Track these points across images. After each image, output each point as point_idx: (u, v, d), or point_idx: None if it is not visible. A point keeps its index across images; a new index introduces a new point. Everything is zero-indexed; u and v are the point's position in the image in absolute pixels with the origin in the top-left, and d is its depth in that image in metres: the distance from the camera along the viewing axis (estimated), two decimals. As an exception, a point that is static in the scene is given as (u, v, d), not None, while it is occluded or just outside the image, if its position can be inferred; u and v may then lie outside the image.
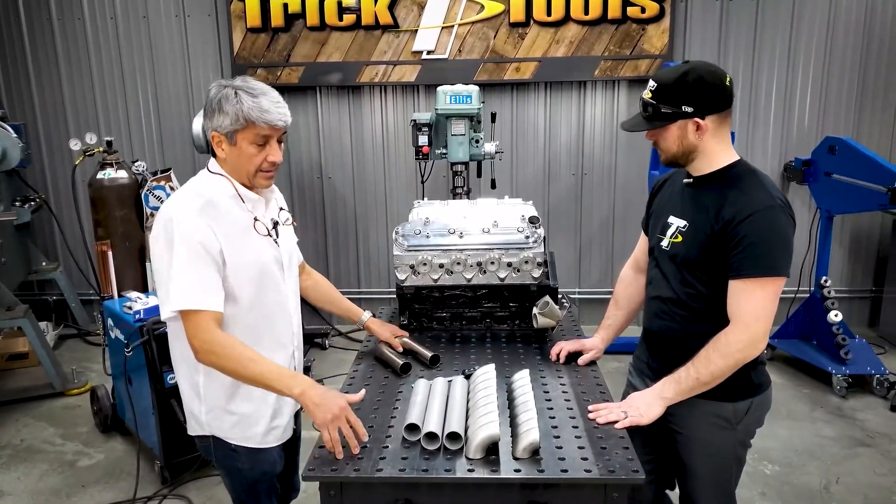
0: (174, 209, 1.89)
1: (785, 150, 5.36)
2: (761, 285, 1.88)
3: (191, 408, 2.06)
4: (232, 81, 1.92)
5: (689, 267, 2.03)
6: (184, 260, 1.84)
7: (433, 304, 2.67)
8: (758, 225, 1.87)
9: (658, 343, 2.19)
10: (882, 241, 5.53)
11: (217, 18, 5.44)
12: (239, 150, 1.92)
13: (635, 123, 2.07)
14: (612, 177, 5.55)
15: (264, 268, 2.01)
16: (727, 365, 1.92)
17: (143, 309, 3.49)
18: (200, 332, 1.85)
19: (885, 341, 5.25)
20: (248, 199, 2.01)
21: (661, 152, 2.07)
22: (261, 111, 1.87)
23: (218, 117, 1.89)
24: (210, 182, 1.98)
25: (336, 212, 5.75)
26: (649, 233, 2.27)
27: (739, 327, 1.90)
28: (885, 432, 3.97)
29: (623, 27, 5.17)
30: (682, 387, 1.98)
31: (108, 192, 4.58)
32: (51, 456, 3.90)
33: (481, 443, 1.73)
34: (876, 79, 5.28)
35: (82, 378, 4.78)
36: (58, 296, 5.74)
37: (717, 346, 1.93)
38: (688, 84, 1.95)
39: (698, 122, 1.96)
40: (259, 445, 2.06)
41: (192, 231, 1.85)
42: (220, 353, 1.85)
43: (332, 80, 5.41)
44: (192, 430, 2.10)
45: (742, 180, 1.98)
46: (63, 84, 5.63)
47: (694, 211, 2.04)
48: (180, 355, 2.02)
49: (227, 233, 1.91)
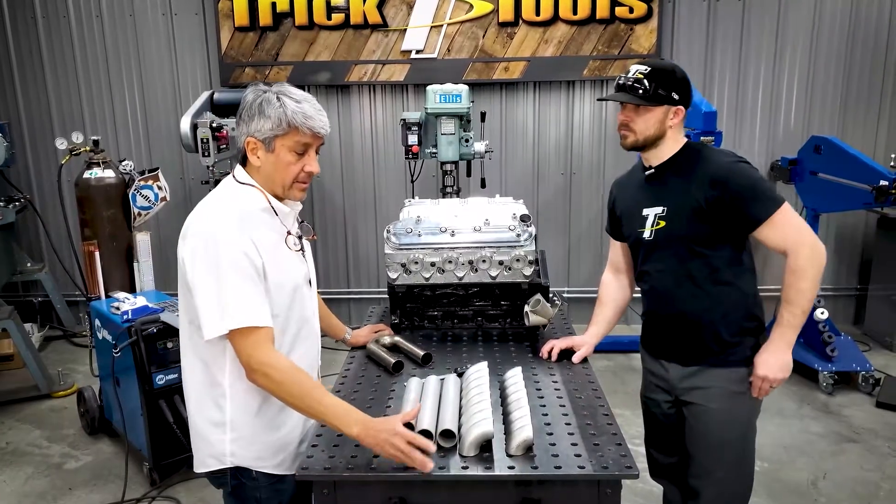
0: (212, 223, 1.78)
1: (771, 149, 5.41)
2: (782, 213, 2.08)
3: (209, 440, 1.89)
4: (270, 87, 1.84)
5: (682, 242, 2.17)
6: (233, 277, 1.73)
7: (424, 302, 2.67)
8: (741, 177, 2.08)
9: (666, 324, 2.31)
10: (867, 240, 5.59)
11: (204, 17, 5.41)
12: (276, 157, 1.83)
13: (630, 98, 2.15)
14: (600, 176, 5.57)
15: (297, 285, 1.92)
16: (812, 280, 2.08)
17: (130, 309, 3.46)
18: (257, 351, 1.74)
19: (870, 338, 5.30)
20: (281, 211, 1.91)
21: (632, 134, 2.18)
22: (305, 117, 1.80)
23: (257, 121, 1.80)
24: (241, 193, 1.87)
25: (325, 212, 5.73)
26: (626, 233, 2.38)
27: (799, 249, 2.07)
28: (871, 428, 4.01)
29: (611, 27, 5.19)
30: (795, 324, 2.12)
31: (94, 191, 4.53)
32: (37, 459, 3.86)
33: (475, 440, 1.73)
34: (860, 79, 5.34)
35: (68, 380, 4.73)
36: (43, 297, 5.68)
37: (797, 275, 2.08)
38: (676, 76, 2.17)
39: (679, 111, 2.16)
40: (287, 472, 1.94)
41: (237, 247, 1.75)
42: (276, 377, 1.74)
43: (321, 79, 5.40)
44: (207, 467, 1.92)
45: (700, 154, 2.18)
46: (48, 83, 5.58)
47: (668, 194, 2.20)
48: (203, 382, 1.88)
49: (264, 248, 1.81)
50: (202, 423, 1.90)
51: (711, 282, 2.17)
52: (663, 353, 2.33)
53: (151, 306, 3.56)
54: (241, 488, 1.93)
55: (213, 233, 1.76)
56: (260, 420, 1.89)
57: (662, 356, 2.33)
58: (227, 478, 1.92)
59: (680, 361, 2.27)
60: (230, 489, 1.94)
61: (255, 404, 1.86)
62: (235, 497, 1.96)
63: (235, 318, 1.73)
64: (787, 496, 3.39)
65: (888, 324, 5.16)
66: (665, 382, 2.34)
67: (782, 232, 2.08)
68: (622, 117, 2.20)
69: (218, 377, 1.85)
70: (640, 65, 2.18)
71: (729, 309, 2.18)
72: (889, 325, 5.16)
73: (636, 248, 2.34)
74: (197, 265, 1.76)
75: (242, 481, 1.92)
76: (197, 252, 1.77)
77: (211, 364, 1.85)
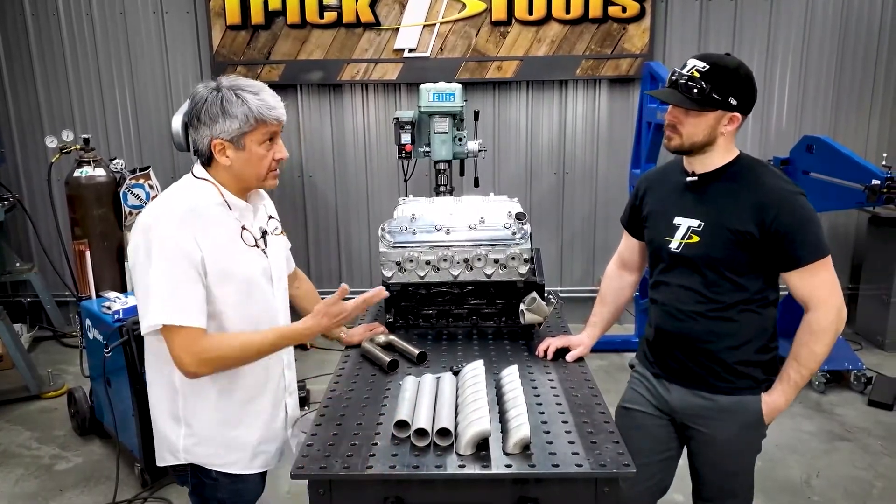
0: (154, 217, 1.78)
1: (763, 149, 5.42)
2: (823, 265, 1.94)
3: (165, 434, 1.92)
4: (219, 82, 1.81)
5: (713, 265, 2.01)
6: (164, 272, 1.72)
7: (419, 301, 2.65)
8: (797, 214, 1.91)
9: (675, 343, 2.14)
10: (858, 240, 5.62)
11: (196, 15, 5.37)
12: (248, 153, 1.83)
13: (679, 100, 1.94)
14: (593, 176, 5.58)
15: (251, 280, 1.89)
16: (828, 346, 1.98)
17: (122, 309, 3.43)
18: (187, 346, 1.74)
19: (861, 338, 5.32)
20: (236, 206, 1.89)
21: (677, 136, 1.99)
22: (268, 108, 1.81)
23: (222, 123, 1.78)
24: (195, 188, 1.86)
25: (317, 211, 5.71)
26: (648, 236, 2.23)
27: (823, 307, 1.96)
28: (863, 426, 4.03)
29: (604, 26, 5.20)
30: (800, 385, 2.04)
31: (85, 190, 4.50)
32: (26, 460, 3.82)
33: (472, 438, 1.72)
34: (852, 79, 5.38)
35: (58, 380, 4.69)
36: (32, 297, 5.62)
37: (810, 333, 1.97)
38: (740, 77, 1.92)
39: (735, 118, 1.95)
40: (243, 471, 1.94)
41: (173, 241, 1.74)
42: (213, 356, 1.76)
43: (314, 78, 5.38)
44: (165, 461, 1.95)
45: (755, 173, 1.99)
46: (37, 81, 5.52)
47: (708, 209, 2.02)
48: (157, 375, 1.90)
49: (212, 243, 1.79)
50: (159, 415, 1.93)
51: (737, 309, 2.03)
52: (667, 374, 2.19)
53: (143, 306, 3.52)
54: (202, 487, 1.94)
55: (151, 226, 1.76)
56: (214, 416, 1.89)
57: (665, 376, 2.19)
58: (187, 475, 1.94)
59: (685, 385, 2.14)
60: (191, 487, 1.96)
61: (211, 398, 1.86)
62: (198, 496, 1.97)
63: (158, 316, 1.72)
64: (781, 495, 3.39)
65: (879, 323, 5.19)
66: (664, 404, 2.21)
67: (814, 283, 1.94)
68: (669, 117, 1.99)
69: (168, 373, 1.85)
70: (698, 60, 1.93)
71: (749, 339, 2.06)
72: (880, 324, 5.18)
73: (657, 255, 2.17)
74: (136, 260, 1.78)
75: (202, 480, 1.93)
76: (138, 246, 1.78)
77: (161, 359, 1.84)
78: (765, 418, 2.08)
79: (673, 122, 1.99)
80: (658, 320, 2.20)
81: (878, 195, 3.94)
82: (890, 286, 5.06)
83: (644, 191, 2.27)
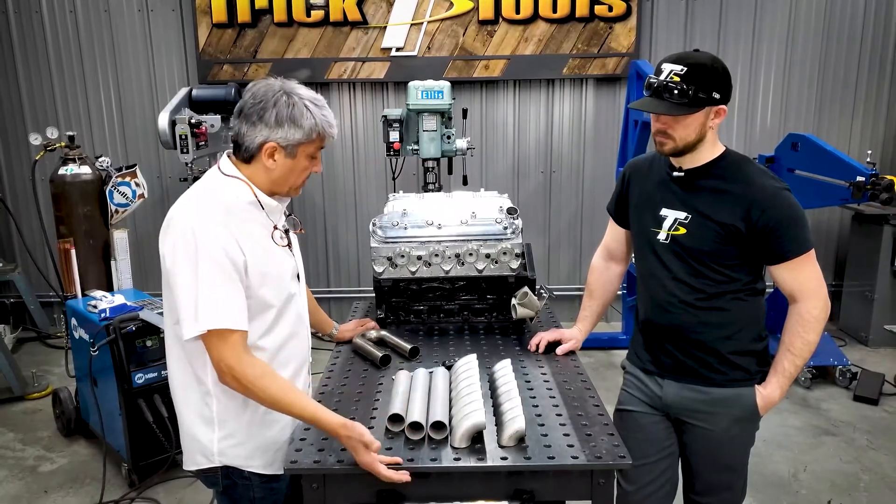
0: (195, 220, 1.72)
1: (749, 146, 5.47)
2: (808, 258, 1.99)
3: (197, 438, 1.85)
4: (284, 86, 1.76)
5: (699, 258, 2.03)
6: (210, 275, 1.68)
7: (410, 297, 2.65)
8: (784, 210, 1.94)
9: (667, 336, 2.14)
10: (841, 237, 5.69)
11: (182, 13, 5.33)
12: (295, 162, 1.80)
13: (667, 108, 1.92)
14: (579, 175, 5.60)
15: (284, 280, 1.87)
16: (818, 334, 2.03)
17: (108, 308, 3.39)
18: (227, 355, 1.70)
19: (846, 334, 5.39)
20: (268, 206, 1.85)
21: (670, 141, 1.98)
22: (329, 125, 1.79)
23: (286, 129, 1.74)
24: (226, 185, 1.81)
25: (304, 210, 5.68)
26: (634, 227, 2.23)
27: (810, 299, 2.00)
28: (848, 421, 4.07)
29: (591, 25, 5.22)
30: (794, 375, 2.07)
31: (70, 188, 4.43)
32: (10, 462, 3.76)
33: (466, 431, 1.72)
34: (835, 78, 5.44)
35: (43, 381, 4.63)
36: (16, 298, 5.55)
37: (802, 324, 2.01)
38: (717, 71, 1.92)
39: (721, 110, 1.96)
40: (277, 472, 1.89)
41: (218, 245, 1.70)
42: (243, 383, 1.71)
43: (301, 76, 5.34)
44: (197, 464, 1.88)
45: (741, 169, 2.01)
46: (20, 78, 5.45)
47: (695, 203, 2.03)
48: (186, 377, 1.85)
49: (253, 245, 1.77)
50: (190, 419, 1.86)
51: (727, 298, 2.04)
52: (660, 369, 2.17)
53: (130, 304, 3.49)
54: (234, 488, 1.89)
55: (193, 227, 1.71)
56: (248, 417, 1.85)
57: (658, 372, 2.17)
58: (217, 477, 1.88)
59: (678, 379, 2.13)
60: (221, 489, 1.90)
61: (241, 400, 1.82)
62: (228, 497, 1.91)
63: (209, 320, 1.68)
64: (769, 489, 3.42)
65: (863, 319, 5.25)
66: (657, 401, 2.18)
67: (802, 276, 1.99)
68: (659, 124, 1.98)
69: (201, 375, 1.81)
70: (673, 63, 1.91)
71: (740, 328, 2.06)
72: (864, 320, 5.24)
73: (644, 246, 2.16)
74: (177, 261, 1.72)
75: (234, 481, 1.88)
76: (177, 248, 1.72)
77: (194, 362, 1.81)
78: (760, 410, 2.09)
79: (663, 129, 1.98)
80: (648, 313, 2.19)
81: (862, 192, 3.97)
82: (873, 283, 5.12)
83: (630, 180, 2.27)
